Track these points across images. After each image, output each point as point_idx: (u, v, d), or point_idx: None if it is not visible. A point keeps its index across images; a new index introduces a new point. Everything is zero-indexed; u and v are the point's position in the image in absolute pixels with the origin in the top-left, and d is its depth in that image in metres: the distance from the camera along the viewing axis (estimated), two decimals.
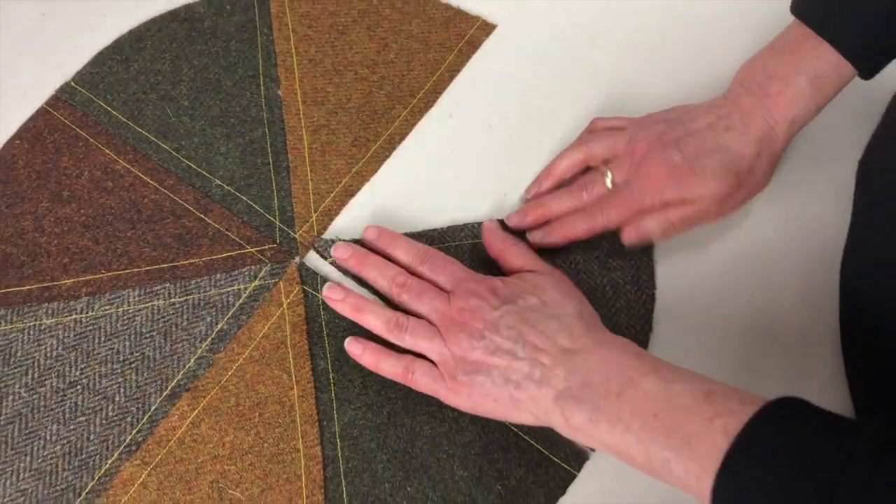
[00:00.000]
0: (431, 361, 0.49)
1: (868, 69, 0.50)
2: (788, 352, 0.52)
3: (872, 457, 0.33)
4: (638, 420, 0.40)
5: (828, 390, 0.51)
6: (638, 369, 0.42)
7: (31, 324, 0.53)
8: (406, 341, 0.49)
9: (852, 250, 0.55)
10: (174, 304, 0.54)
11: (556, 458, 0.49)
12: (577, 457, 0.49)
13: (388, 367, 0.50)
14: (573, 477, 0.49)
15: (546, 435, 0.50)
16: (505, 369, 0.45)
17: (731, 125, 0.52)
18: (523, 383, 0.45)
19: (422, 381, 0.48)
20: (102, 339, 0.52)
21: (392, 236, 0.54)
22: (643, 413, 0.40)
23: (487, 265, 0.54)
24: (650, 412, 0.40)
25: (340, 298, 0.51)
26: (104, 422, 0.50)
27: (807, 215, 0.57)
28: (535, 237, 0.54)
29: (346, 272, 0.54)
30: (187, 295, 0.54)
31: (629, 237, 0.53)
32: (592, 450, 0.49)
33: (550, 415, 0.44)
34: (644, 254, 0.55)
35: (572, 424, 0.43)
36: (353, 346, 0.51)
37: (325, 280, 0.54)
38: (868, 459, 0.33)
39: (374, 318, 0.50)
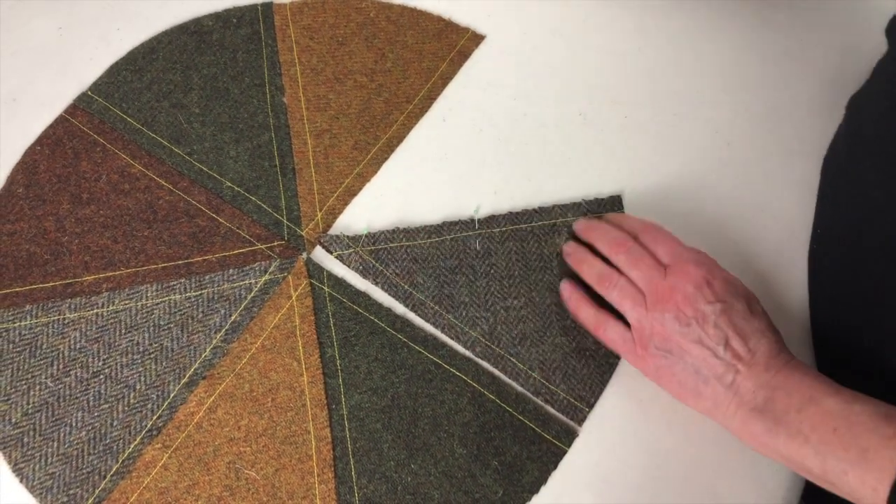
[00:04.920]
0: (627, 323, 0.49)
1: None
2: None
3: None
4: (817, 434, 0.40)
5: None
6: (820, 389, 0.42)
7: (56, 318, 0.53)
8: (612, 296, 0.49)
9: (819, 242, 0.55)
10: (190, 297, 0.54)
11: (548, 435, 0.50)
12: (567, 434, 0.50)
13: (585, 315, 0.50)
14: (564, 452, 0.49)
15: (538, 413, 0.50)
16: (700, 361, 0.45)
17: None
18: (712, 381, 0.44)
19: (612, 338, 0.49)
20: (123, 331, 0.52)
21: (622, 215, 0.54)
22: (822, 427, 0.40)
23: (479, 257, 0.55)
24: (829, 427, 0.40)
25: (571, 251, 0.53)
26: (126, 408, 0.50)
27: (773, 208, 0.57)
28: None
29: (351, 268, 0.54)
30: (202, 289, 0.54)
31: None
32: (582, 423, 0.50)
33: (729, 417, 0.44)
34: None
35: (750, 432, 0.43)
36: (565, 288, 0.52)
37: (330, 274, 0.54)
38: None
39: (590, 269, 0.51)
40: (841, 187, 0.54)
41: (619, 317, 0.50)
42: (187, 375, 0.51)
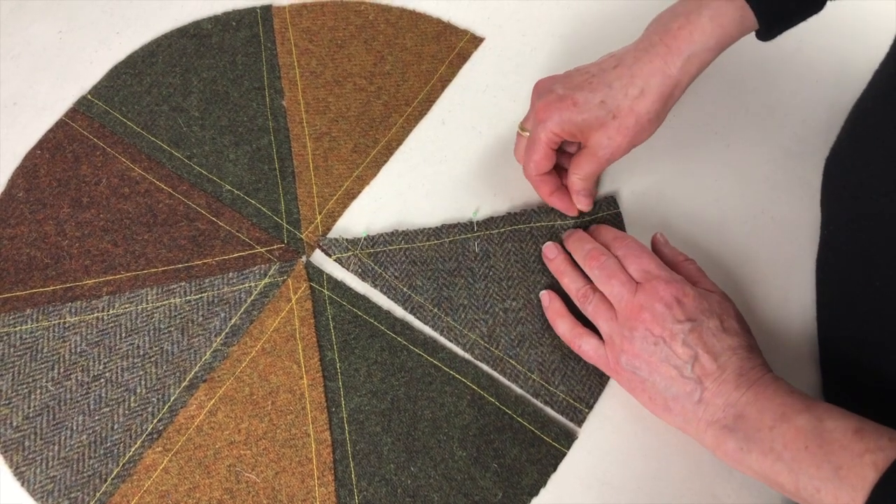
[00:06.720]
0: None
1: (768, 26, 0.47)
2: (764, 344, 0.52)
3: None
4: (789, 451, 0.40)
5: (800, 382, 0.51)
6: (791, 406, 0.41)
7: (56, 322, 0.52)
8: (587, 311, 0.50)
9: (826, 247, 0.54)
10: (190, 301, 0.53)
11: (548, 437, 0.49)
12: (567, 436, 0.49)
13: (562, 328, 0.51)
14: (563, 455, 0.49)
15: (538, 416, 0.50)
16: (667, 379, 0.45)
17: (620, 62, 0.49)
18: (681, 398, 0.44)
19: (586, 352, 0.49)
20: (123, 335, 0.52)
21: (601, 226, 0.54)
22: (794, 445, 0.40)
23: (478, 259, 0.54)
24: (801, 444, 0.39)
25: (553, 257, 0.53)
26: (127, 412, 0.50)
27: (776, 212, 0.57)
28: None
29: (350, 271, 0.54)
30: (202, 293, 0.54)
31: (578, 206, 0.54)
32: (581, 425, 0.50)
33: (701, 433, 0.44)
34: None
35: (723, 450, 0.43)
36: (544, 297, 0.53)
37: (330, 277, 0.54)
38: None
39: (570, 283, 0.51)
40: (845, 191, 0.53)
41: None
42: (188, 379, 0.51)
